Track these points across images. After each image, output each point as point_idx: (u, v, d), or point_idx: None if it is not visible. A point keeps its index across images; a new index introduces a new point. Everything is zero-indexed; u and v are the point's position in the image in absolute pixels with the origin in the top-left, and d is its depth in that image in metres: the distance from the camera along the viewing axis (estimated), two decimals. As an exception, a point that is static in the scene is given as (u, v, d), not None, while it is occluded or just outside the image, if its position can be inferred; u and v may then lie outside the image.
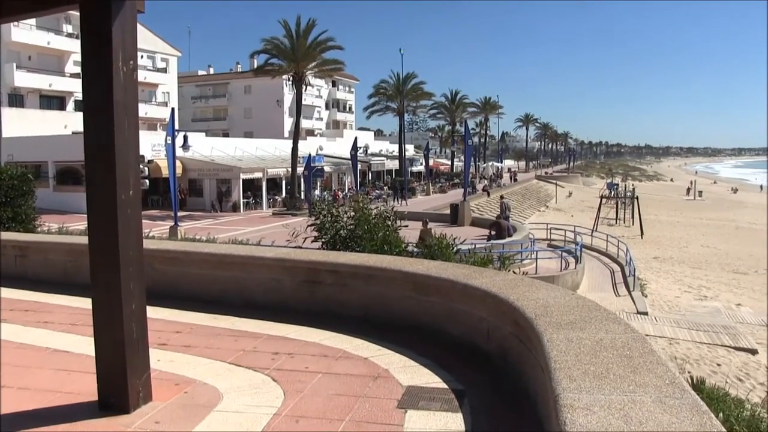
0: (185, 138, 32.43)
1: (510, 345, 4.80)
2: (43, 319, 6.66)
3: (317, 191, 43.19)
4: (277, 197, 44.16)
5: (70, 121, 45.33)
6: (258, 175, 42.66)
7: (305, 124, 70.09)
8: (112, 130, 3.99)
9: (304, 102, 46.18)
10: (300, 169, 41.33)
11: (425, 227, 17.81)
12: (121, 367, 4.13)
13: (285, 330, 6.12)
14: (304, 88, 43.43)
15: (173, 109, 31.02)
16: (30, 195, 13.82)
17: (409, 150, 72.90)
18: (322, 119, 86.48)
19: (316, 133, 77.13)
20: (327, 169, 49.29)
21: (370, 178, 60.22)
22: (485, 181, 68.73)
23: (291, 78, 43.14)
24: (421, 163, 65.45)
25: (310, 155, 41.16)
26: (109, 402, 4.19)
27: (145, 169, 34.89)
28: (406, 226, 12.23)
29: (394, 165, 63.54)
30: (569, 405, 2.61)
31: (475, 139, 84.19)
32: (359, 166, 45.33)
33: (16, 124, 41.52)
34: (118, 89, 4.00)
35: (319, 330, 6.07)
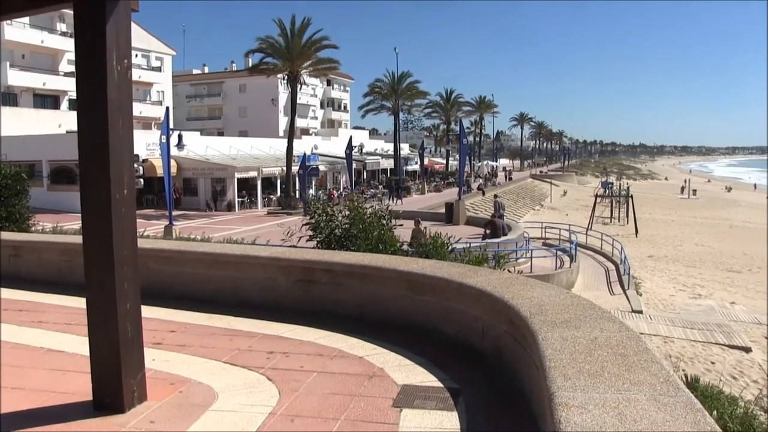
0: (180, 137, 32.29)
1: (505, 344, 4.80)
2: (37, 319, 6.64)
3: (312, 190, 43.18)
4: (272, 196, 44.13)
5: (65, 120, 45.16)
6: (253, 174, 42.63)
7: (300, 123, 70.15)
8: (106, 129, 3.98)
9: (299, 101, 46.21)
10: (295, 168, 41.28)
11: (417, 226, 17.74)
12: (115, 367, 4.12)
13: (280, 329, 6.12)
14: (299, 87, 43.45)
15: (168, 108, 30.90)
16: (24, 194, 13.78)
17: (404, 149, 72.94)
18: (317, 118, 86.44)
19: (311, 132, 77.12)
20: (322, 168, 49.29)
21: (365, 177, 60.21)
22: (480, 180, 68.80)
23: (286, 77, 43.18)
24: (416, 162, 65.44)
25: (305, 154, 41.12)
26: (103, 402, 4.18)
27: (140, 168, 34.87)
28: (401, 225, 12.23)
29: (389, 164, 63.59)
30: (564, 403, 2.62)
31: (470, 138, 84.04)
32: (354, 165, 45.32)
33: (10, 123, 41.26)
34: (112, 88, 3.99)
35: (314, 329, 6.06)
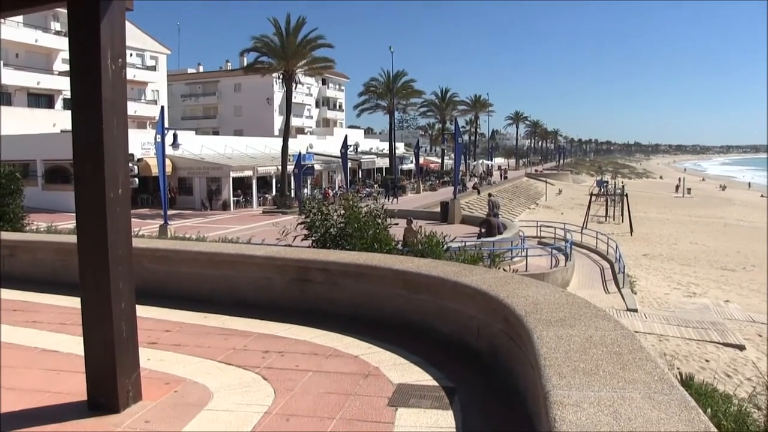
0: (175, 136, 32.28)
1: (500, 342, 4.81)
2: (31, 319, 6.61)
3: (307, 189, 43.14)
4: (267, 195, 44.08)
5: (59, 120, 45.03)
6: (248, 173, 42.57)
7: (295, 122, 70.02)
8: (101, 128, 3.97)
9: (294, 100, 46.12)
10: (290, 168, 41.27)
11: (409, 225, 17.66)
12: (110, 367, 4.11)
13: (275, 328, 6.12)
14: (294, 86, 43.40)
15: (163, 107, 30.89)
16: (18, 194, 13.74)
17: (400, 148, 72.94)
18: (312, 117, 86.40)
19: (306, 131, 77.07)
20: (317, 167, 49.22)
21: (361, 176, 60.21)
22: (475, 179, 68.82)
23: (281, 76, 43.08)
24: (411, 161, 65.50)
25: (300, 153, 41.09)
26: (98, 402, 4.17)
27: (135, 167, 34.71)
28: (396, 224, 12.25)
29: (384, 163, 63.58)
30: (559, 402, 2.63)
31: (465, 137, 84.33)
32: (349, 164, 45.30)
33: (4, 122, 41.10)
34: (107, 87, 3.98)
35: (309, 328, 6.06)
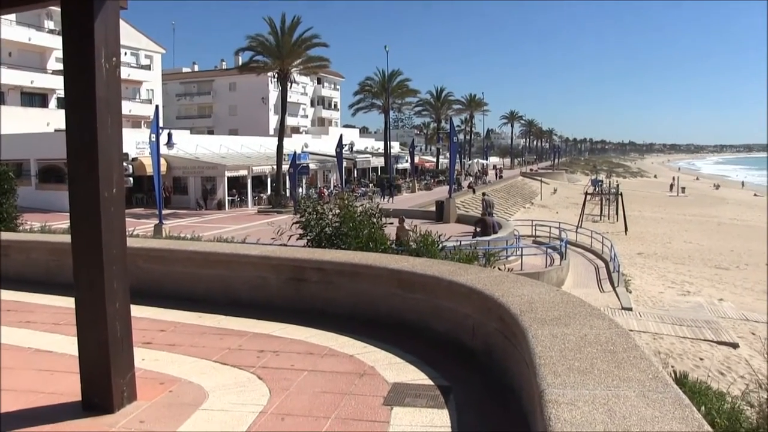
0: (169, 135, 32.08)
1: (495, 341, 4.82)
2: (25, 319, 6.59)
3: (302, 189, 43.11)
4: (262, 195, 44.04)
5: (53, 119, 44.86)
6: (243, 172, 42.52)
7: (290, 121, 70.05)
8: (95, 127, 3.96)
9: (289, 99, 46.14)
10: (285, 167, 41.20)
11: (401, 224, 17.59)
12: (105, 367, 4.10)
13: (270, 328, 6.11)
14: (289, 85, 43.38)
15: (157, 106, 30.74)
16: (11, 193, 13.69)
17: (395, 147, 72.98)
18: (307, 116, 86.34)
19: (301, 130, 76.96)
20: (312, 166, 49.21)
21: (356, 175, 60.22)
22: (470, 178, 68.89)
23: (276, 75, 43.10)
24: (406, 161, 65.47)
25: (295, 153, 41.04)
26: (93, 402, 4.15)
27: (129, 167, 34.67)
28: (391, 224, 12.25)
29: (379, 162, 63.60)
30: (554, 400, 2.63)
31: (461, 137, 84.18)
32: (344, 163, 45.31)
33: (-3, 121, 41.04)
34: (101, 86, 3.97)
35: (304, 327, 6.06)
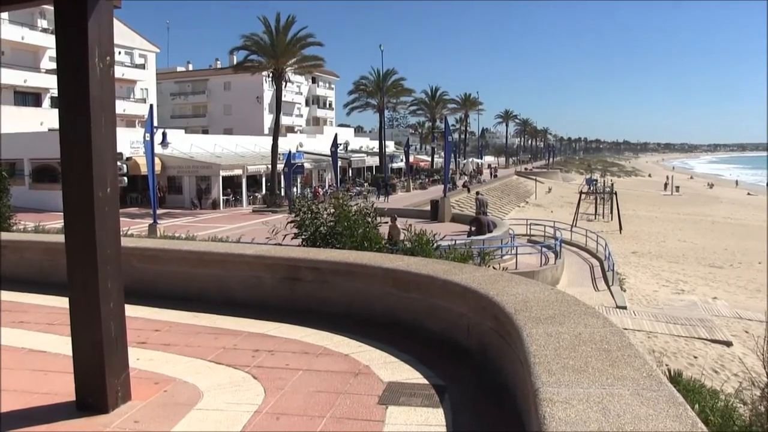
0: (164, 135, 32.11)
1: (490, 340, 4.82)
2: (18, 319, 6.56)
3: (297, 188, 43.07)
4: (257, 194, 43.99)
5: (46, 118, 44.65)
6: (238, 172, 42.46)
7: (285, 120, 69.87)
8: (89, 127, 3.94)
9: (284, 98, 46.02)
10: (280, 166, 41.19)
11: (393, 223, 17.56)
12: (99, 367, 4.09)
13: (265, 327, 6.10)
14: (284, 84, 43.34)
15: (152, 105, 30.62)
16: (5, 193, 13.66)
17: (390, 146, 72.95)
18: (302, 116, 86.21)
19: (296, 129, 76.89)
20: (307, 165, 49.19)
21: (351, 174, 60.20)
22: (465, 177, 68.95)
23: (271, 74, 43.01)
24: (401, 160, 65.54)
25: (290, 152, 41.02)
26: (87, 402, 4.14)
27: (124, 166, 34.49)
28: (386, 223, 12.25)
29: (374, 161, 63.58)
30: (548, 399, 2.64)
31: (455, 136, 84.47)
32: (339, 162, 45.27)
33: (-9, 120, 40.82)
34: (95, 85, 3.95)
35: (299, 327, 6.05)
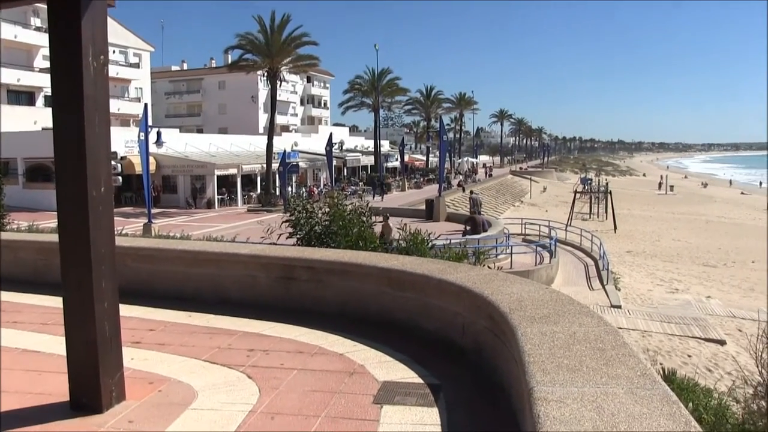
0: (158, 134, 31.93)
1: (485, 339, 4.83)
2: (12, 319, 6.54)
3: (292, 187, 43.02)
4: (252, 193, 43.91)
5: (40, 117, 44.52)
6: (233, 171, 42.38)
7: (280, 120, 69.86)
8: (83, 126, 3.93)
9: (278, 98, 46.00)
10: (275, 165, 41.10)
11: (386, 222, 17.57)
12: (93, 367, 4.08)
13: (260, 327, 6.10)
14: (279, 83, 43.25)
15: (146, 104, 30.59)
16: (-1, 192, 13.58)
17: (385, 146, 72.97)
18: (297, 115, 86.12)
19: (291, 129, 76.79)
20: (302, 165, 49.13)
21: (346, 174, 60.17)
22: (460, 176, 68.97)
23: (265, 73, 42.95)
24: (396, 159, 65.46)
25: (285, 151, 40.95)
26: (81, 402, 4.13)
27: (118, 165, 34.42)
28: (381, 222, 12.26)
29: (369, 161, 63.56)
30: (543, 398, 2.64)
31: (450, 135, 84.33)
32: (334, 162, 45.24)
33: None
34: (89, 84, 3.94)
35: (294, 326, 6.05)
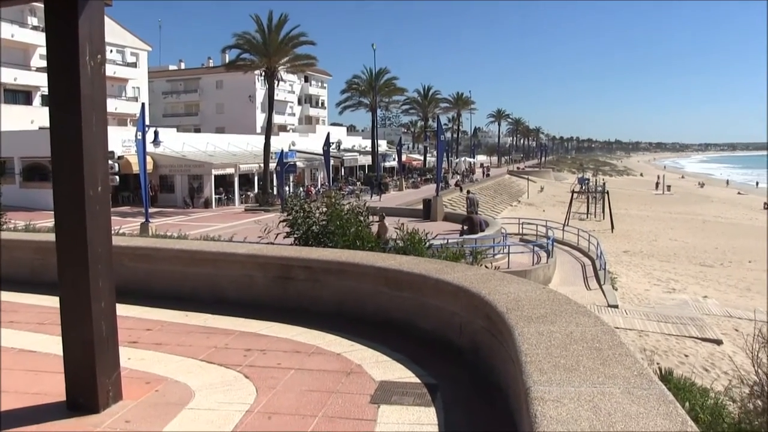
0: (156, 133, 31.93)
1: (482, 339, 4.83)
2: (9, 319, 6.52)
3: (290, 187, 42.99)
4: (249, 193, 43.87)
5: (37, 116, 44.40)
6: (230, 170, 42.33)
7: (277, 119, 69.68)
8: (80, 125, 3.92)
9: (276, 97, 45.92)
10: (272, 165, 41.07)
11: (381, 221, 17.54)
12: (90, 367, 4.07)
13: (257, 326, 6.10)
14: (276, 83, 43.23)
15: (143, 104, 30.56)
16: (-5, 191, 13.57)
17: (382, 145, 72.94)
18: (294, 115, 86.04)
19: (288, 128, 76.73)
20: (299, 164, 49.10)
21: (343, 173, 60.15)
22: (458, 176, 69.00)
23: (263, 73, 42.91)
24: (393, 159, 65.51)
25: (282, 151, 40.92)
26: (78, 402, 4.13)
27: (115, 165, 34.33)
28: (377, 222, 12.25)
29: (366, 160, 63.56)
30: (540, 397, 2.65)
31: (448, 135, 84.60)
32: (332, 161, 45.22)
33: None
34: (86, 84, 3.93)
35: (291, 326, 6.05)
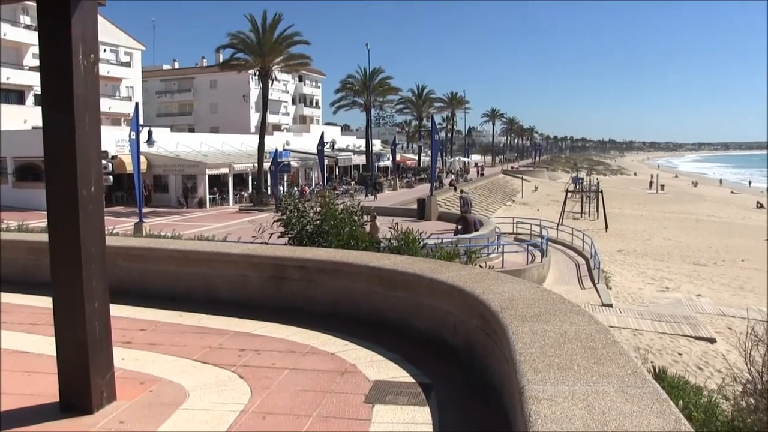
0: (150, 133, 31.78)
1: (476, 338, 4.84)
2: (2, 320, 6.49)
3: (284, 187, 42.94)
4: (243, 193, 43.82)
5: (30, 116, 44.24)
6: (224, 170, 42.27)
7: (272, 119, 69.72)
8: (73, 125, 3.91)
9: (270, 97, 45.90)
10: (266, 165, 41.03)
11: (373, 221, 17.52)
12: (83, 367, 4.06)
13: (251, 326, 6.09)
14: (271, 82, 43.20)
15: (137, 103, 30.46)
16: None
17: (376, 145, 72.99)
18: (288, 114, 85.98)
19: (282, 128, 76.64)
20: (294, 164, 49.05)
21: (337, 173, 60.13)
22: (452, 176, 69.06)
23: (257, 73, 42.87)
24: (388, 158, 65.44)
25: (276, 150, 40.85)
26: (71, 403, 4.11)
27: (109, 164, 34.28)
28: (369, 222, 12.25)
29: (361, 160, 63.57)
30: (534, 396, 2.65)
31: (442, 134, 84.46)
32: (326, 161, 45.21)
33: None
34: (79, 83, 3.92)
35: (285, 326, 6.04)
